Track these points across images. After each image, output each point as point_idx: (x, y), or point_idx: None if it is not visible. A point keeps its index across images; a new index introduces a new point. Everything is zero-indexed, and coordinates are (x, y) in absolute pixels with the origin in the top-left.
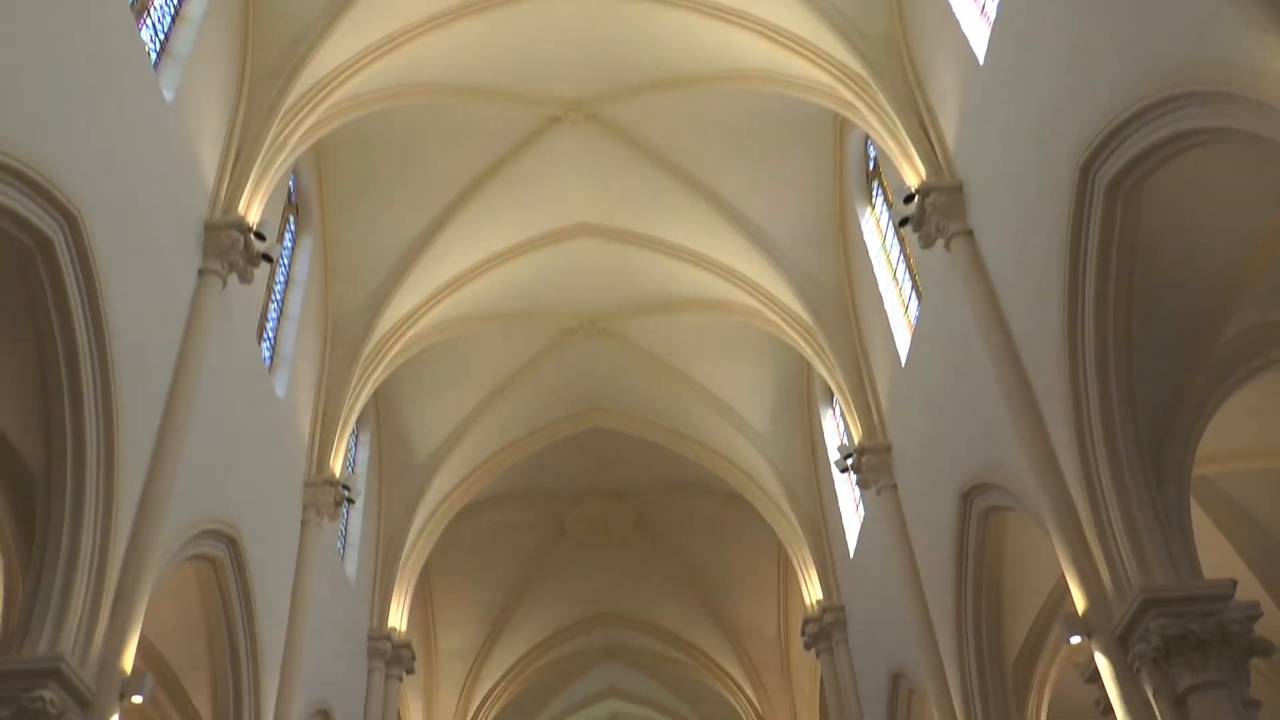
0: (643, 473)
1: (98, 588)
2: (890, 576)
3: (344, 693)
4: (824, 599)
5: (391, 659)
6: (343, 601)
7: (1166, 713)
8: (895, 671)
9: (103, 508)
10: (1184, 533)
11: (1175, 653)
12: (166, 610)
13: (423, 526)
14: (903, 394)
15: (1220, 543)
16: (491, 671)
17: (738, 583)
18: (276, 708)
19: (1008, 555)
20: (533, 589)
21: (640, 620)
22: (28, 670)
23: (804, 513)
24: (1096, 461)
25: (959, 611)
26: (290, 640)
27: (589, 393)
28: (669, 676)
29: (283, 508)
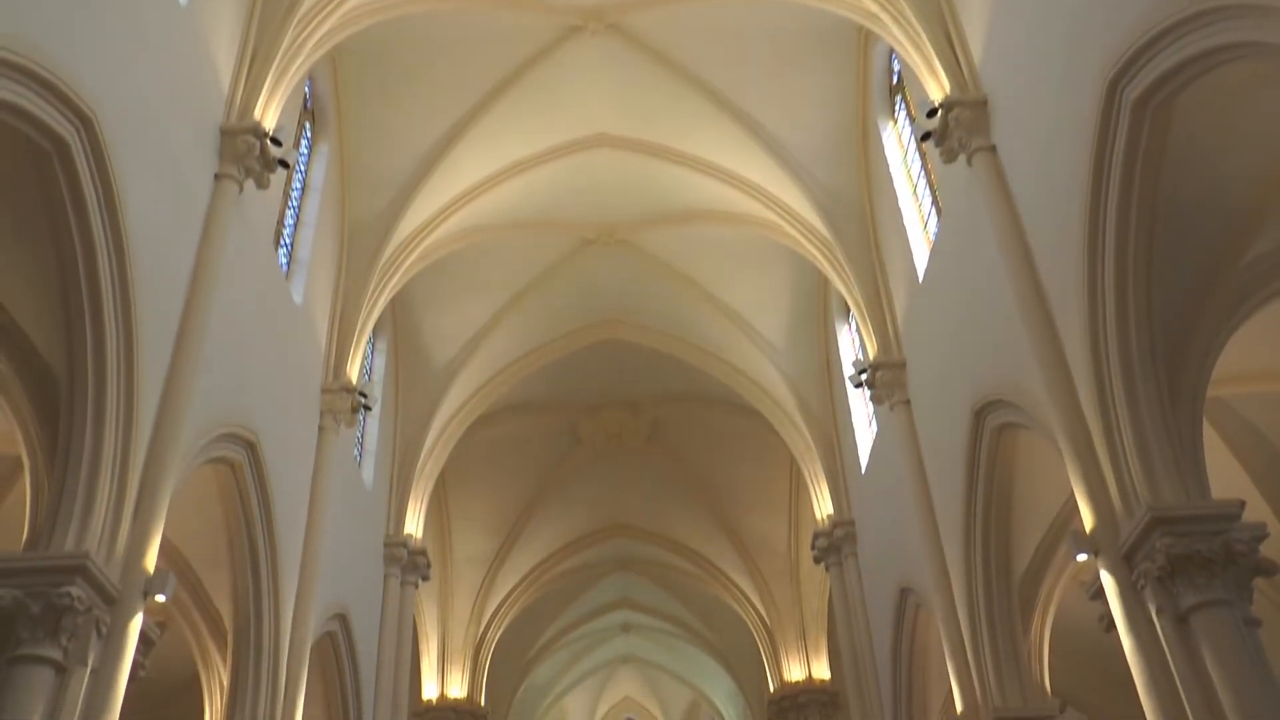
0: (658, 385)
1: (120, 488)
2: (901, 492)
3: (361, 597)
4: (834, 513)
5: (407, 565)
6: (360, 507)
7: (1169, 630)
8: (903, 586)
9: (123, 410)
10: (1195, 453)
11: (1180, 571)
12: (188, 513)
13: (439, 434)
14: (919, 310)
15: (1231, 464)
16: (506, 579)
17: (749, 496)
18: (295, 610)
19: (1018, 473)
20: (547, 498)
21: (652, 531)
22: (55, 567)
23: (817, 427)
24: (1111, 380)
25: (968, 528)
26: (308, 544)
27: (605, 304)
28: (680, 588)
29: (300, 413)
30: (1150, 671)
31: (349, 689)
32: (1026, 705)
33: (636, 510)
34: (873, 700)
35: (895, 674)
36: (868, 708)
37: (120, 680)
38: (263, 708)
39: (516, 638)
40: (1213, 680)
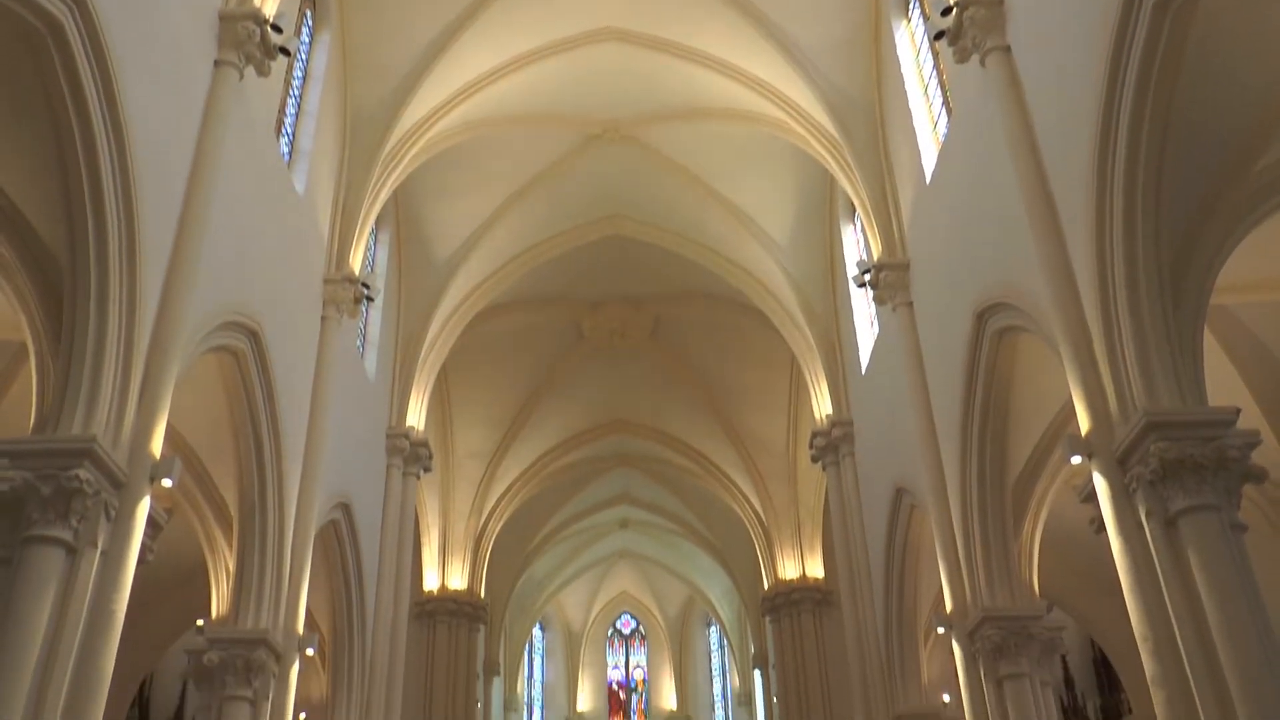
0: (661, 282)
1: (125, 373)
2: (900, 393)
3: (364, 488)
4: (833, 413)
5: (409, 456)
6: (362, 398)
7: (1157, 533)
8: (898, 487)
9: (126, 296)
10: (1194, 359)
11: (1171, 476)
12: (193, 401)
13: (441, 327)
14: (925, 211)
15: (1229, 371)
16: (506, 473)
17: (750, 395)
18: (299, 498)
19: (1017, 377)
20: (549, 394)
21: (653, 428)
22: (63, 450)
23: (819, 327)
24: (1114, 285)
25: (965, 430)
26: (311, 434)
27: (610, 200)
28: (679, 484)
29: (303, 303)
30: (1136, 573)
31: (352, 577)
32: (1014, 605)
33: (637, 407)
34: (864, 598)
35: (888, 573)
36: (859, 605)
37: (129, 562)
38: (268, 594)
39: (516, 531)
40: (1196, 583)
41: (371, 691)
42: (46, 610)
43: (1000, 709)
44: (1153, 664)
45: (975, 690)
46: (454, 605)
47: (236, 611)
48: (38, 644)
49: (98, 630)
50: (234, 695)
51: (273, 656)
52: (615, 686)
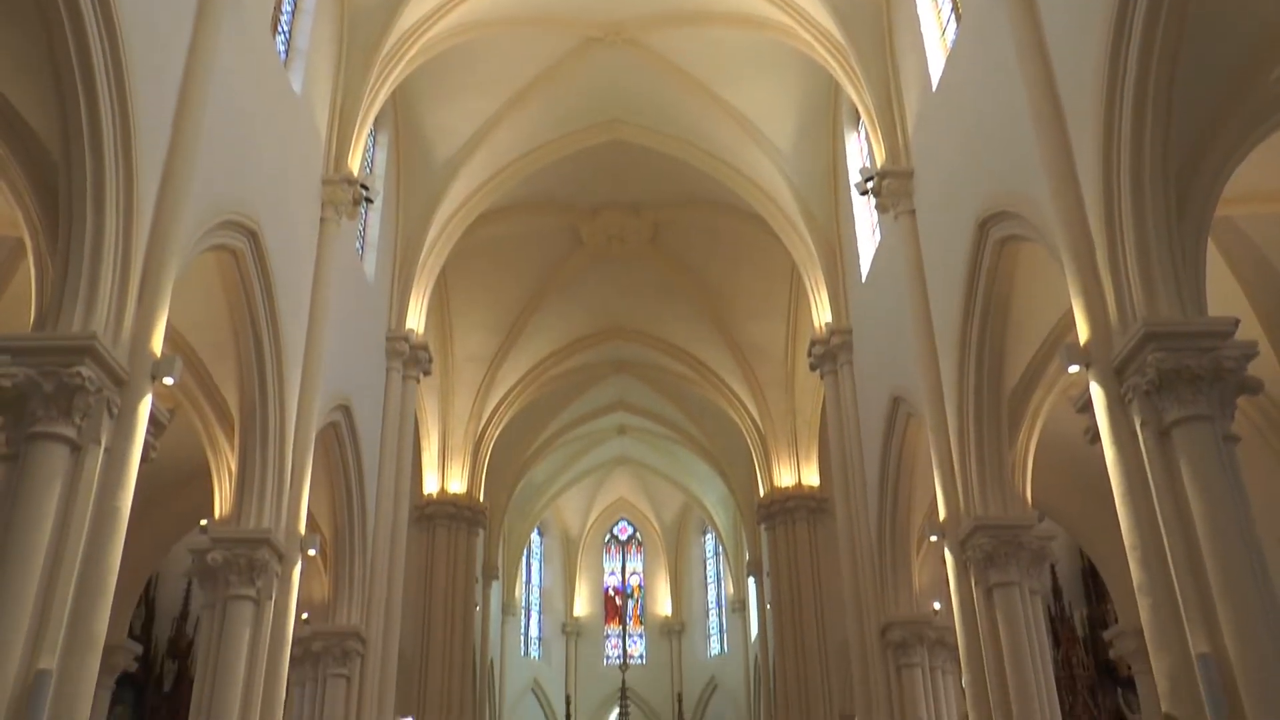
0: (661, 187)
1: (124, 271)
2: (900, 302)
3: (363, 390)
4: (832, 321)
5: (409, 360)
6: (362, 301)
7: (1151, 443)
8: (895, 395)
9: (123, 194)
10: (1196, 271)
11: (1167, 386)
12: (193, 301)
13: (441, 230)
14: (930, 119)
15: (1230, 283)
16: (506, 378)
17: (749, 302)
18: (300, 399)
19: (1018, 286)
20: (548, 299)
21: (651, 335)
22: (64, 347)
23: (819, 235)
24: (1120, 194)
25: (963, 339)
26: (311, 335)
27: (610, 104)
28: (676, 392)
29: (301, 204)
30: (1129, 483)
31: (352, 479)
32: (1007, 514)
33: (636, 313)
34: (859, 506)
35: (882, 481)
36: (854, 514)
37: (133, 459)
38: (270, 494)
39: (515, 436)
40: (1187, 493)
41: (372, 593)
42: (53, 506)
43: (989, 616)
44: (1140, 572)
45: (965, 598)
46: (453, 509)
47: (239, 511)
48: (45, 540)
49: (103, 527)
50: (238, 594)
51: (275, 556)
52: (611, 592)
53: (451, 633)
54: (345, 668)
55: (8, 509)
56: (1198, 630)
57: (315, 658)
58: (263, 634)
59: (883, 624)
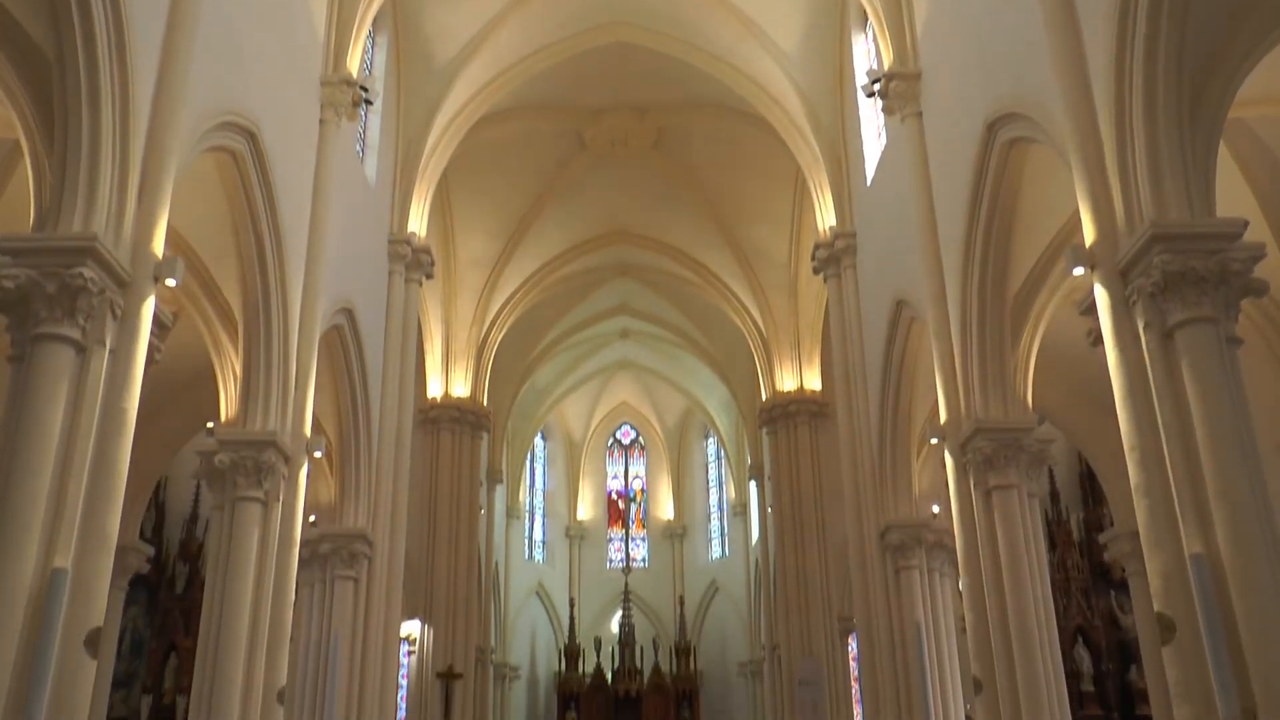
0: (665, 91)
1: (122, 172)
2: (905, 205)
3: (366, 293)
4: (837, 225)
5: (411, 263)
6: (363, 204)
7: (1153, 345)
8: (899, 299)
9: (118, 94)
10: (1206, 173)
11: (1172, 288)
12: (193, 203)
13: (442, 133)
14: (940, 18)
15: (1240, 185)
16: (508, 282)
17: (752, 206)
18: (303, 301)
19: (1024, 190)
20: (550, 202)
21: (654, 239)
22: (65, 248)
23: (825, 138)
24: (1131, 94)
25: (968, 242)
26: (313, 237)
27: (614, 4)
28: (679, 296)
29: (300, 106)
30: (1130, 384)
31: (356, 382)
32: (1007, 417)
33: (639, 217)
34: (860, 410)
35: (884, 385)
36: (855, 417)
37: (138, 361)
38: (275, 397)
39: (518, 340)
40: (1188, 394)
41: (378, 496)
42: (60, 408)
43: (988, 519)
44: (1138, 473)
45: (964, 500)
46: (457, 413)
47: (244, 414)
48: (54, 440)
49: (111, 428)
50: (245, 496)
51: (281, 458)
52: (614, 496)
53: (456, 536)
54: (353, 570)
55: (16, 410)
56: (1192, 531)
57: (323, 560)
58: (271, 535)
59: (882, 527)
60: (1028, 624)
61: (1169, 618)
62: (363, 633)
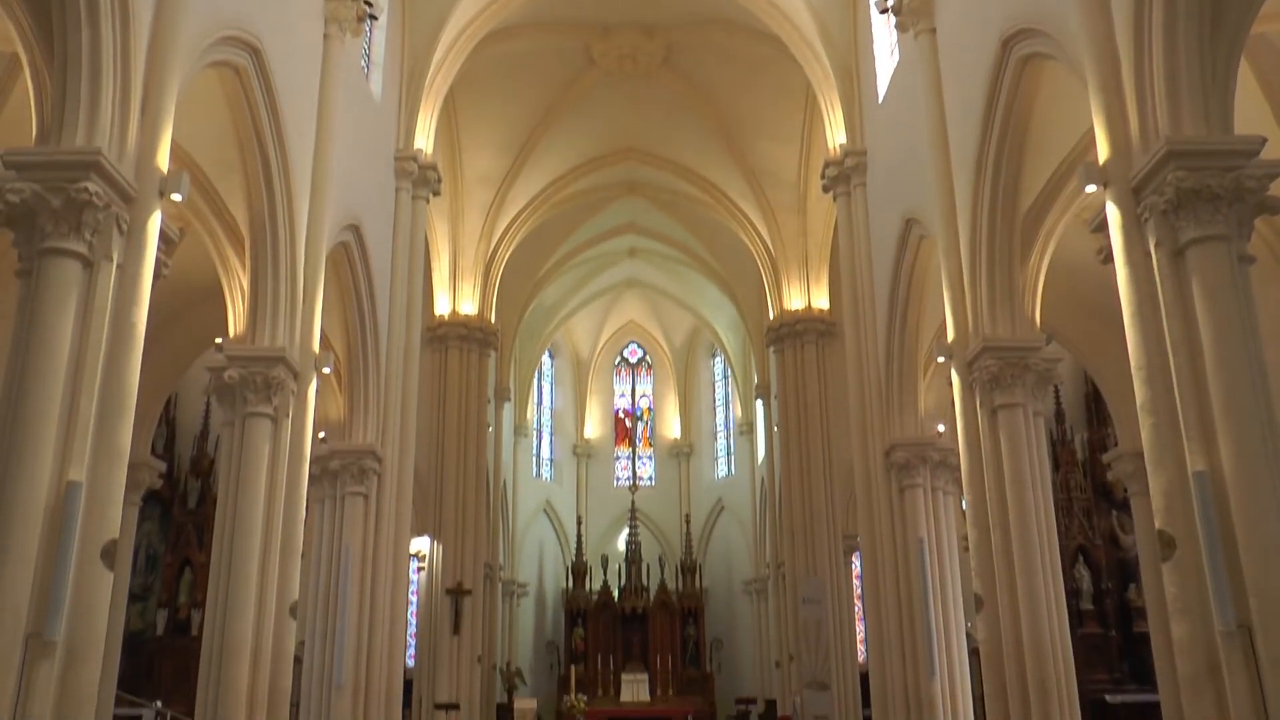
0: (675, 6)
1: (124, 87)
2: (916, 123)
3: (373, 210)
4: (847, 143)
5: (418, 180)
6: (369, 120)
7: (1164, 263)
8: (908, 217)
9: (118, 5)
10: (1225, 89)
11: (1185, 205)
12: (197, 119)
13: (448, 48)
14: None
15: (1260, 102)
16: (515, 199)
17: (762, 125)
18: (309, 217)
19: (1038, 107)
20: (558, 119)
21: (663, 157)
22: (69, 162)
23: (836, 55)
24: (1151, 7)
25: (980, 160)
26: (319, 153)
27: None
28: (687, 214)
29: (303, 20)
30: (1139, 302)
31: (364, 299)
32: (1015, 335)
33: (648, 135)
34: (867, 329)
35: (892, 304)
36: (862, 336)
37: (145, 275)
38: (283, 313)
39: (525, 258)
40: (1197, 312)
41: (387, 413)
42: (70, 322)
43: (993, 438)
44: (1144, 391)
45: (970, 419)
46: (464, 330)
47: (253, 330)
48: (65, 355)
49: (121, 342)
50: (255, 412)
51: (290, 374)
52: (621, 414)
53: (465, 453)
54: (362, 486)
55: (26, 325)
56: (1196, 448)
57: (333, 476)
58: (281, 451)
59: (887, 445)
60: (1030, 542)
61: (1169, 534)
62: (373, 548)
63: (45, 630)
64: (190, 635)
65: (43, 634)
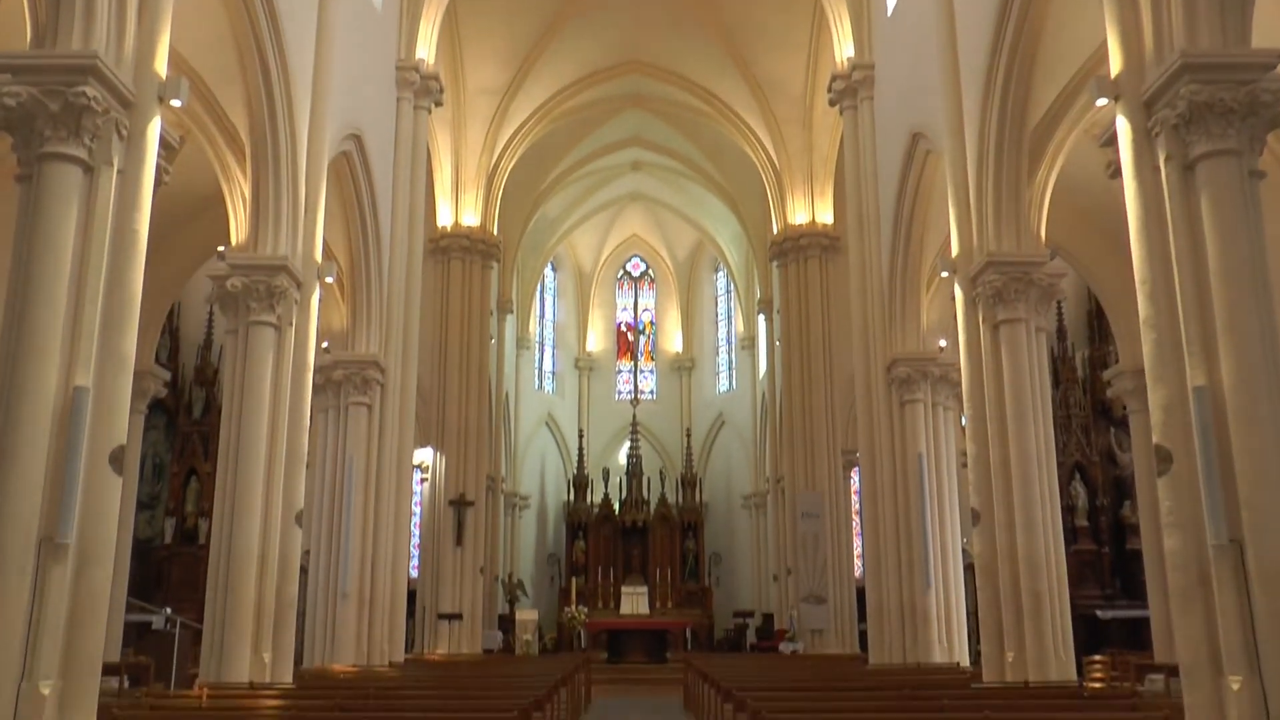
0: None
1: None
2: (925, 36)
3: (374, 120)
4: (855, 56)
5: (420, 90)
6: (369, 29)
7: (1173, 177)
8: (915, 131)
9: None
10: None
11: (1197, 119)
12: (195, 25)
13: None
14: None
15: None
16: (518, 111)
17: (769, 37)
18: (310, 126)
19: (1050, 21)
20: (561, 30)
21: (667, 70)
22: (65, 65)
23: None
24: None
25: (990, 73)
26: (319, 61)
27: None
28: (691, 127)
29: None
30: (1146, 217)
31: (366, 209)
32: (1020, 250)
33: (652, 47)
34: (872, 244)
35: (896, 218)
36: (866, 251)
37: (146, 181)
38: (285, 221)
39: (528, 171)
40: (1204, 227)
41: (390, 323)
42: (71, 228)
43: (994, 352)
44: (1147, 306)
45: (972, 334)
46: (467, 242)
47: (255, 238)
48: (67, 261)
49: (123, 248)
50: (259, 320)
51: (293, 283)
52: (623, 328)
53: (467, 365)
54: (366, 396)
55: (27, 230)
56: (1197, 364)
57: (337, 386)
58: (285, 359)
59: (889, 360)
60: (1028, 458)
61: (1167, 449)
62: (377, 459)
63: (57, 534)
64: (198, 544)
65: (55, 538)
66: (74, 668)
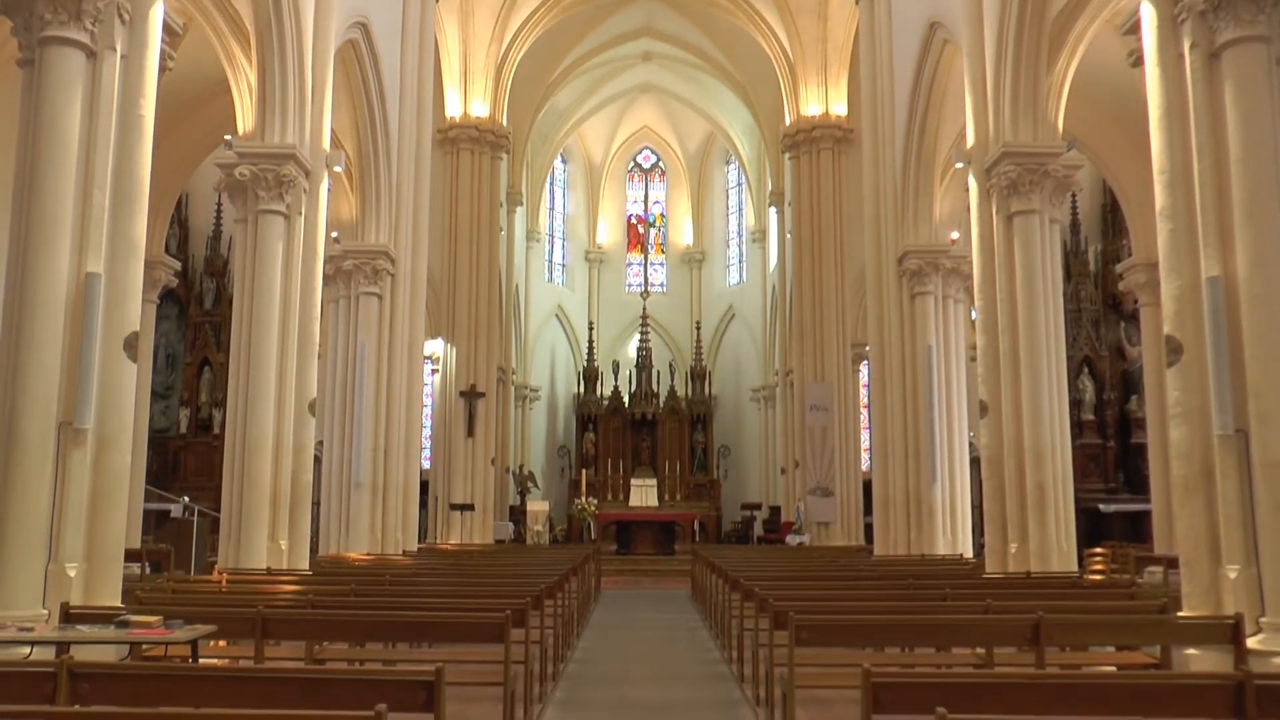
0: None
1: None
2: None
3: (381, 8)
4: None
5: None
6: None
7: (1197, 66)
8: (932, 20)
9: None
10: None
11: (1226, 5)
12: None
13: None
14: None
15: None
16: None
17: None
18: (315, 11)
19: None
20: None
21: None
22: None
23: None
24: None
25: None
26: None
27: None
28: (704, 18)
29: None
30: (1167, 106)
31: (374, 98)
32: (1036, 141)
33: None
34: (886, 135)
35: (911, 110)
36: (880, 142)
37: (150, 66)
38: (292, 110)
39: (538, 61)
40: (1226, 116)
41: (399, 213)
42: (76, 113)
43: (1007, 244)
44: (1165, 196)
45: (985, 225)
46: (476, 133)
47: (262, 127)
48: (73, 146)
49: (130, 134)
50: (268, 209)
51: (301, 172)
52: (634, 220)
53: (477, 256)
54: (376, 286)
55: (32, 115)
56: (1212, 254)
57: (347, 275)
58: (295, 248)
59: (900, 252)
60: (1037, 350)
61: (1177, 340)
62: (388, 348)
63: (76, 419)
64: (212, 434)
65: (74, 423)
66: (97, 551)
